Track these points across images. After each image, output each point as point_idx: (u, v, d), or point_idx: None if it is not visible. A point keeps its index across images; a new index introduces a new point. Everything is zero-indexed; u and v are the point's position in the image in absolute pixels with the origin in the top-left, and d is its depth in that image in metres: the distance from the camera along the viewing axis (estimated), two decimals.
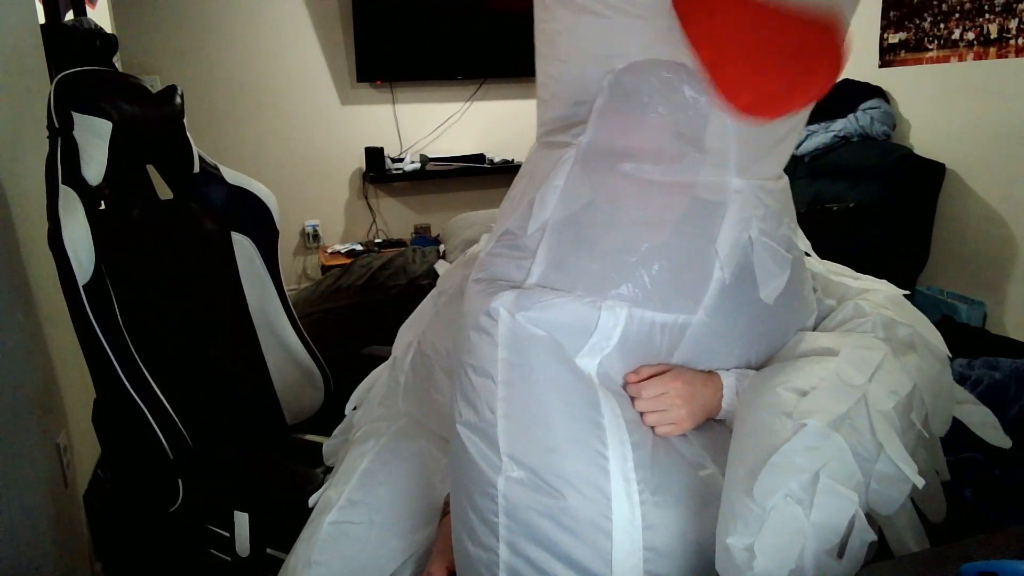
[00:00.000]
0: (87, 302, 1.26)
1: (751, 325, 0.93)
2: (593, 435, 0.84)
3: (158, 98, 1.54)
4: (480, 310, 0.89)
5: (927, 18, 2.88)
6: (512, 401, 0.86)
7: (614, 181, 0.87)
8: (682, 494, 0.85)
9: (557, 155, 0.91)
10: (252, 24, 3.77)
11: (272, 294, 1.74)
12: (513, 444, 0.85)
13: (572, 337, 0.86)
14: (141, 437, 1.34)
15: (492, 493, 0.85)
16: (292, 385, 1.78)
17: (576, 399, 0.85)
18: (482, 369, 0.88)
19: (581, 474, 0.83)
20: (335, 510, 1.16)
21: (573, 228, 0.89)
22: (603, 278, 0.87)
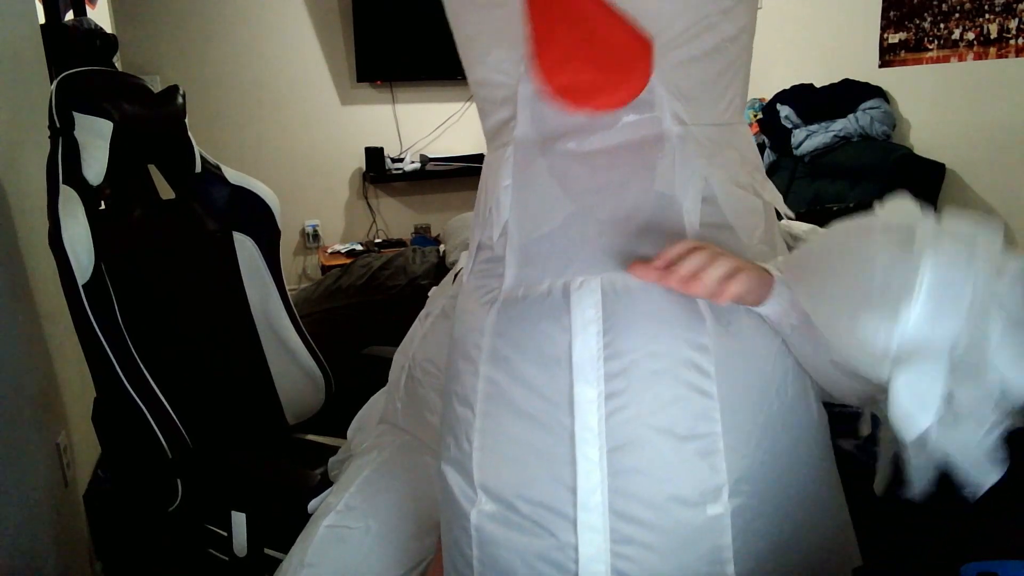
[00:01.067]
0: (87, 302, 1.27)
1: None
2: (563, 471, 0.80)
3: (160, 98, 1.54)
4: (467, 338, 0.89)
5: (927, 18, 2.88)
6: (487, 432, 0.84)
7: (556, 162, 0.85)
8: (663, 536, 0.80)
9: (501, 157, 0.90)
10: (252, 24, 3.77)
11: (273, 294, 1.74)
12: (486, 476, 0.84)
13: (551, 331, 0.82)
14: (140, 436, 1.34)
15: (466, 526, 0.86)
16: (293, 385, 1.78)
17: (549, 433, 0.81)
18: (464, 398, 0.88)
19: (548, 511, 0.81)
20: (332, 514, 1.16)
21: (529, 220, 0.87)
22: (569, 258, 0.84)
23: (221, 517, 1.41)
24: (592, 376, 0.79)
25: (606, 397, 0.79)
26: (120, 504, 1.67)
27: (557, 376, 0.80)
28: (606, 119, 0.82)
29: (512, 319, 0.84)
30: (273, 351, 1.74)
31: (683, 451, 0.79)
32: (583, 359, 0.79)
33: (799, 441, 0.87)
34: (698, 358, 0.79)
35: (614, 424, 0.79)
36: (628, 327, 0.79)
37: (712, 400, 0.79)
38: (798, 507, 0.87)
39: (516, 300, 0.85)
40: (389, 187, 4.22)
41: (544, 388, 0.81)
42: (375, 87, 4.02)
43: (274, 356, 1.75)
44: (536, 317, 0.83)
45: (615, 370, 0.79)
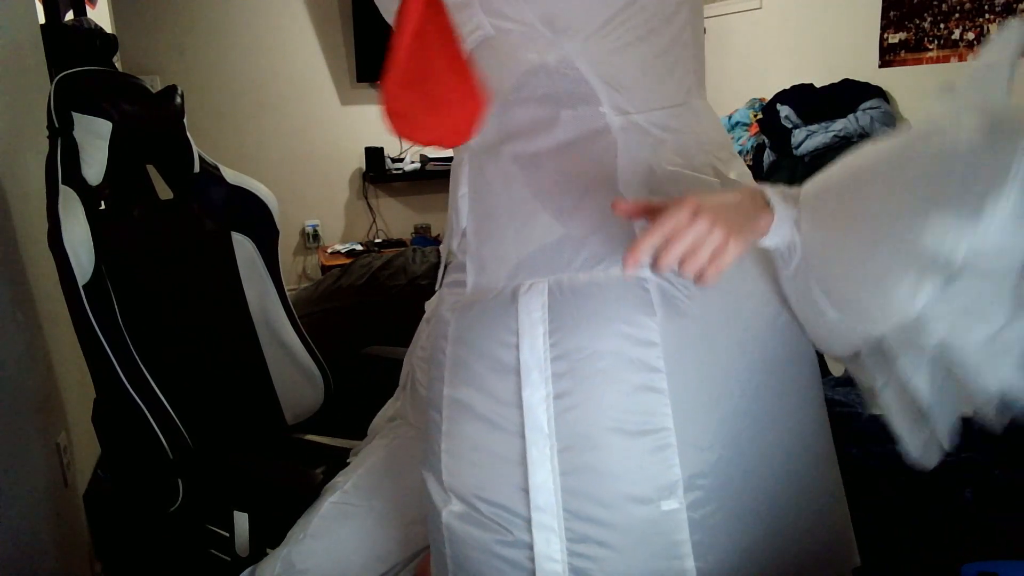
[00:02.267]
0: (87, 302, 1.26)
1: None
2: (516, 472, 0.81)
3: (158, 98, 1.54)
4: (437, 344, 0.92)
5: (927, 18, 2.88)
6: (451, 435, 0.87)
7: (503, 167, 0.87)
8: (617, 533, 0.80)
9: (457, 164, 0.93)
10: (252, 24, 3.77)
11: (272, 294, 1.74)
12: (453, 478, 0.87)
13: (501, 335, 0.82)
14: (141, 437, 1.34)
15: (439, 525, 0.88)
16: (292, 385, 1.78)
17: (502, 434, 0.82)
18: (434, 403, 0.90)
19: (505, 511, 0.82)
20: (339, 492, 1.22)
21: (483, 226, 0.90)
22: (519, 261, 0.85)
23: (223, 517, 1.41)
24: (538, 377, 0.80)
25: (554, 397, 0.79)
26: (120, 504, 1.67)
27: (507, 379, 0.81)
28: (545, 118, 0.83)
29: (468, 325, 0.87)
30: (272, 351, 1.74)
31: (634, 448, 0.79)
32: (530, 361, 0.80)
33: (772, 432, 0.85)
34: (646, 354, 0.78)
35: (563, 424, 0.79)
36: (574, 327, 0.79)
37: (662, 395, 0.78)
38: (774, 496, 0.86)
39: (471, 305, 0.87)
40: (389, 187, 4.22)
41: (496, 391, 0.83)
42: (375, 87, 4.02)
43: (273, 356, 1.75)
44: (488, 321, 0.84)
45: (562, 370, 0.79)
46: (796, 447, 0.89)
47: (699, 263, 0.68)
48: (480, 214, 0.90)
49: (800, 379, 0.89)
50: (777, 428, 0.87)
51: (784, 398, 0.87)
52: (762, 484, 0.85)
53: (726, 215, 0.69)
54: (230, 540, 1.40)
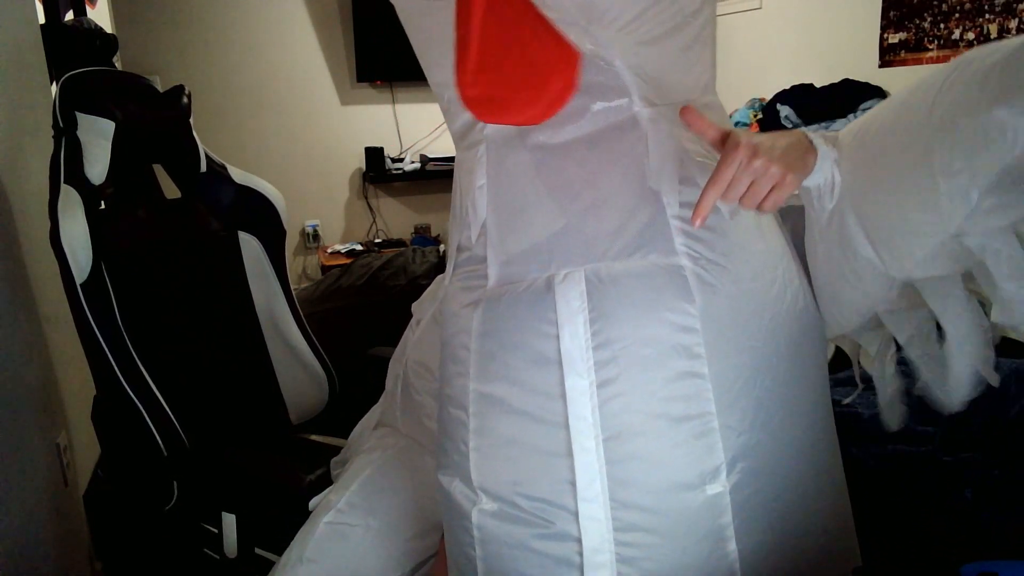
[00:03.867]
0: (84, 301, 1.27)
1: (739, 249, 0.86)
2: (561, 465, 0.80)
3: (165, 98, 1.54)
4: (454, 341, 0.89)
5: (927, 18, 2.88)
6: (482, 432, 0.85)
7: (528, 157, 0.85)
8: (664, 520, 0.80)
9: (472, 155, 0.89)
10: (252, 24, 3.77)
11: (278, 294, 1.74)
12: (484, 476, 0.85)
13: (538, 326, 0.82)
14: (137, 435, 1.34)
15: (468, 527, 0.86)
16: (297, 385, 1.78)
17: (543, 427, 0.81)
18: (456, 400, 0.88)
19: (549, 506, 0.81)
20: (333, 511, 1.17)
21: (507, 218, 0.87)
22: (551, 251, 0.84)
23: (214, 515, 1.41)
24: (582, 367, 0.79)
25: (598, 386, 0.79)
26: (119, 504, 1.67)
27: (547, 370, 0.80)
28: (575, 108, 0.82)
29: (497, 317, 0.85)
30: (277, 351, 1.75)
31: (679, 434, 0.79)
32: (572, 350, 0.79)
33: (795, 417, 0.87)
34: (687, 340, 0.79)
35: (608, 413, 0.79)
36: (615, 315, 0.79)
37: (704, 381, 0.79)
38: (796, 482, 0.88)
39: (499, 298, 0.85)
40: (389, 187, 4.22)
41: (535, 383, 0.81)
42: (375, 87, 4.02)
43: (278, 356, 1.75)
44: (521, 313, 0.83)
45: (605, 359, 0.79)
46: (814, 436, 0.91)
47: (758, 197, 0.74)
48: (502, 205, 0.87)
49: (816, 368, 0.92)
50: (801, 414, 0.89)
51: (804, 384, 0.89)
52: (790, 469, 0.86)
53: (780, 154, 0.74)
54: (221, 538, 1.40)
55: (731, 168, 0.72)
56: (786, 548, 0.86)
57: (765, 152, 0.72)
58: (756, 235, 0.87)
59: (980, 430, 1.44)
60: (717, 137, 0.77)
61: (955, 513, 1.29)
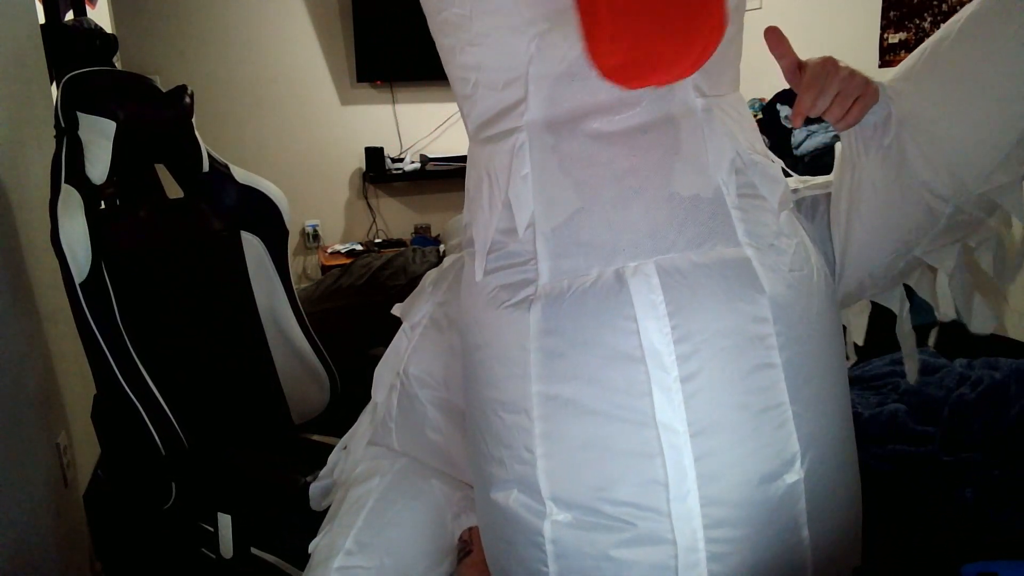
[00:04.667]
0: (83, 300, 1.27)
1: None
2: (650, 465, 0.77)
3: (167, 98, 1.54)
4: (500, 341, 0.84)
5: (927, 18, 2.88)
6: (552, 437, 0.80)
7: (582, 145, 0.81)
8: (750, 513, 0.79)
9: (508, 145, 0.84)
10: (252, 24, 3.77)
11: (281, 293, 1.74)
12: (557, 484, 0.81)
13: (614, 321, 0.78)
14: (135, 434, 1.34)
15: (540, 542, 0.81)
16: (299, 385, 1.78)
17: (628, 427, 0.78)
18: (513, 405, 0.83)
19: (637, 509, 0.78)
20: (342, 555, 1.05)
21: (562, 208, 0.83)
22: (615, 244, 0.80)
23: (212, 514, 1.40)
24: (667, 360, 0.77)
25: (682, 381, 0.77)
26: (119, 504, 1.67)
27: (628, 366, 0.78)
28: (632, 95, 0.79)
29: (562, 314, 0.81)
30: (279, 351, 1.74)
31: (759, 425, 0.79)
32: (656, 344, 0.77)
33: (837, 404, 0.90)
34: (761, 330, 0.79)
35: (693, 408, 0.77)
36: (691, 307, 0.78)
37: (778, 370, 0.80)
38: (846, 466, 0.90)
39: (561, 294, 0.81)
40: (389, 187, 4.22)
41: (615, 381, 0.78)
42: (375, 87, 4.02)
43: (280, 356, 1.75)
44: (592, 309, 0.80)
45: (687, 352, 0.77)
46: (849, 423, 0.93)
47: (846, 105, 0.82)
48: (554, 196, 0.83)
49: (840, 360, 0.94)
50: (840, 402, 0.91)
51: (840, 373, 0.92)
52: (840, 449, 0.88)
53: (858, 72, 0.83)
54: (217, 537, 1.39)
55: (821, 75, 0.80)
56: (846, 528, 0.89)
57: (845, 66, 0.81)
58: (792, 228, 0.89)
59: (980, 430, 1.44)
60: (795, 61, 0.83)
61: (955, 513, 1.29)
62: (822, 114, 0.83)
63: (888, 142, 0.88)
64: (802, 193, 1.03)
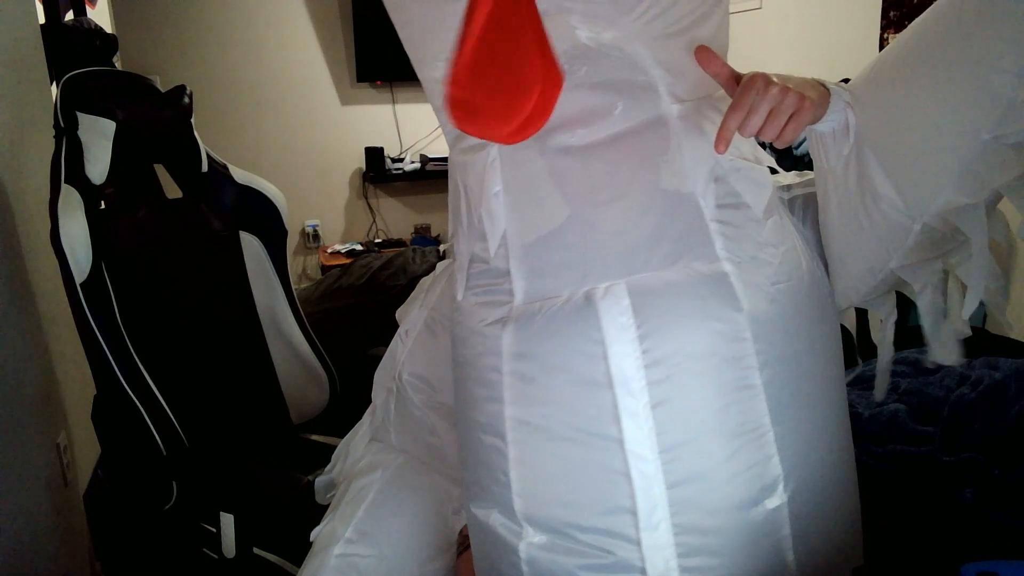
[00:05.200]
0: (84, 300, 1.27)
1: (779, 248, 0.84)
2: (619, 492, 0.76)
3: (166, 98, 1.54)
4: (479, 362, 0.83)
5: None
6: (524, 461, 0.80)
7: (551, 161, 0.79)
8: (728, 540, 0.77)
9: (481, 159, 0.82)
10: (252, 24, 3.77)
11: (279, 294, 1.74)
12: (531, 507, 0.80)
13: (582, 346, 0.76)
14: (136, 434, 1.34)
15: (516, 562, 0.81)
16: (298, 385, 1.78)
17: (596, 453, 0.76)
18: (490, 427, 0.82)
19: (607, 536, 0.76)
20: (342, 542, 1.08)
21: (531, 228, 0.80)
22: (586, 264, 0.78)
23: (213, 515, 1.40)
24: (636, 387, 0.75)
25: (652, 407, 0.75)
26: (119, 504, 1.67)
27: (596, 392, 0.75)
28: (601, 106, 0.77)
29: (532, 337, 0.79)
30: (278, 351, 1.74)
31: (737, 449, 0.76)
32: (624, 370, 0.75)
33: (831, 418, 0.86)
34: (739, 350, 0.76)
35: (665, 434, 0.75)
36: (665, 329, 0.75)
37: (758, 391, 0.76)
38: (836, 484, 0.87)
39: (533, 316, 0.79)
40: (389, 187, 4.22)
41: (583, 407, 0.76)
42: (375, 87, 4.01)
43: (279, 356, 1.75)
44: (561, 332, 0.77)
45: (658, 377, 0.75)
46: (844, 435, 0.90)
47: (779, 124, 0.72)
48: (525, 214, 0.80)
49: (838, 360, 0.90)
50: (835, 415, 0.87)
51: (835, 382, 0.87)
52: (831, 471, 0.85)
53: (796, 84, 0.74)
54: (219, 537, 1.39)
55: (750, 94, 0.71)
56: (836, 547, 0.85)
57: (781, 81, 0.73)
58: (781, 235, 0.84)
59: (980, 430, 1.44)
60: (731, 76, 0.75)
61: (955, 513, 1.28)
62: (756, 135, 0.74)
63: (848, 151, 0.82)
64: (794, 191, 0.99)
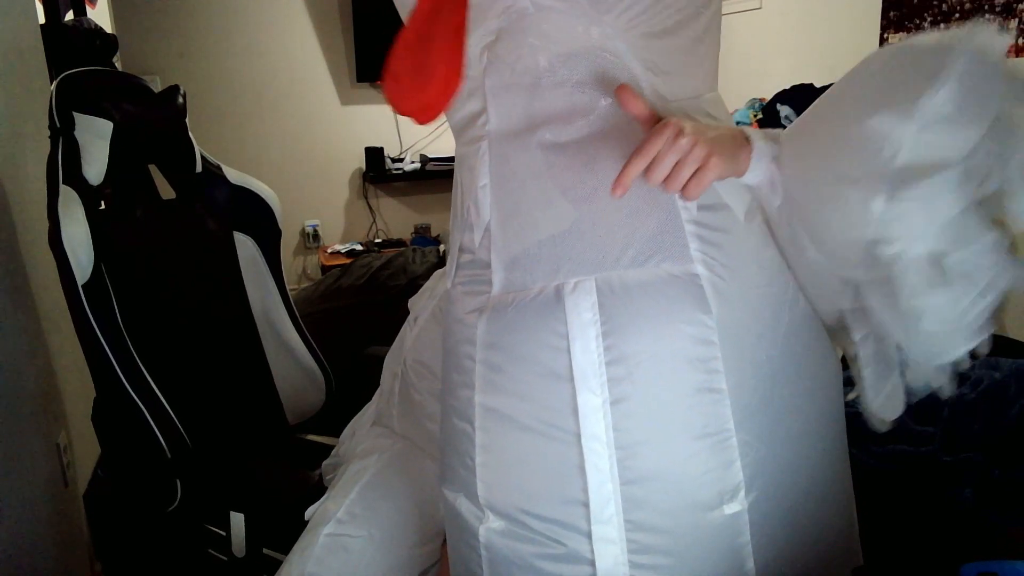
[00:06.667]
0: (86, 302, 1.27)
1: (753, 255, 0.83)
2: (573, 485, 0.77)
3: (160, 98, 1.54)
4: (458, 350, 0.85)
5: (927, 18, 2.88)
6: (488, 448, 0.81)
7: (534, 157, 0.80)
8: (681, 542, 0.77)
9: (473, 152, 0.85)
10: (252, 24, 3.77)
11: (274, 294, 1.74)
12: (491, 493, 0.82)
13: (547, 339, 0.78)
14: (140, 436, 1.34)
15: (475, 545, 0.83)
16: (294, 385, 1.78)
17: (554, 445, 0.78)
18: (462, 412, 0.84)
19: (560, 527, 0.78)
20: (333, 522, 1.13)
21: (512, 220, 0.82)
22: (559, 258, 0.79)
23: (220, 517, 1.41)
24: (595, 383, 0.75)
25: (611, 403, 0.75)
26: (120, 504, 1.67)
27: (558, 386, 0.77)
28: (584, 104, 0.78)
29: (504, 328, 0.80)
30: (274, 351, 1.74)
31: (697, 452, 0.76)
32: (584, 366, 0.76)
33: (811, 426, 0.85)
34: (704, 353, 0.76)
35: (623, 431, 0.76)
36: (628, 329, 0.76)
37: (722, 395, 0.76)
38: (812, 491, 0.86)
39: (506, 307, 0.81)
40: (389, 187, 4.22)
41: (545, 399, 0.78)
42: (375, 87, 4.01)
43: (275, 356, 1.75)
44: (530, 324, 0.79)
45: (619, 375, 0.75)
46: (829, 443, 0.89)
47: (681, 180, 0.70)
48: (507, 206, 0.82)
49: (829, 372, 0.89)
50: (817, 422, 0.86)
51: (819, 391, 0.87)
52: (806, 480, 0.84)
53: (708, 137, 0.71)
54: (227, 540, 1.40)
55: (657, 142, 0.69)
56: (803, 557, 0.85)
57: (693, 133, 0.70)
58: (765, 240, 0.83)
59: (980, 430, 1.44)
60: (648, 116, 0.74)
61: (955, 513, 1.28)
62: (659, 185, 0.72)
63: (779, 204, 0.81)
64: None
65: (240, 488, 1.44)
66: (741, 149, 0.76)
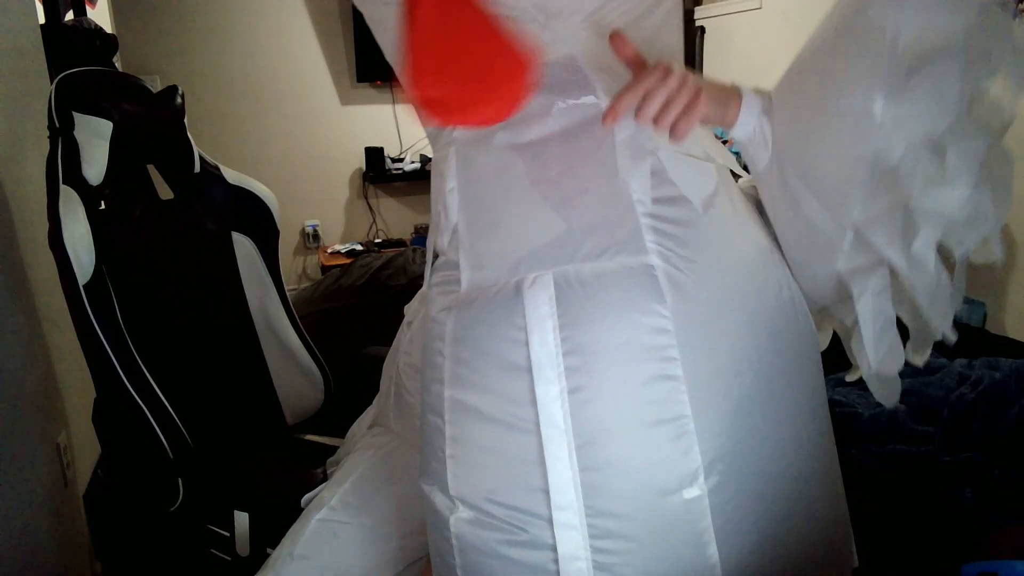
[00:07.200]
0: (87, 302, 1.27)
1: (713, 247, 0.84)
2: (534, 473, 0.79)
3: (159, 98, 1.54)
4: (431, 347, 0.88)
5: None
6: (456, 440, 0.84)
7: (496, 159, 0.83)
8: (641, 527, 0.79)
9: (443, 158, 0.88)
10: (252, 24, 3.77)
11: (272, 294, 1.74)
12: (460, 484, 0.84)
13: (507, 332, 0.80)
14: (141, 437, 1.34)
15: (447, 535, 0.86)
16: (292, 385, 1.78)
17: (515, 435, 0.80)
18: (434, 407, 0.87)
19: (522, 514, 0.80)
20: (325, 508, 1.18)
21: (477, 221, 0.86)
22: (518, 255, 0.82)
23: (223, 517, 1.41)
24: (552, 373, 0.78)
25: (569, 392, 0.78)
26: (120, 504, 1.67)
27: (517, 377, 0.79)
28: (539, 107, 0.80)
29: (468, 324, 0.83)
30: (272, 351, 1.75)
31: (654, 438, 0.78)
32: (542, 357, 0.78)
33: (781, 414, 0.86)
34: (660, 342, 0.78)
35: (580, 419, 0.78)
36: (585, 320, 0.78)
37: (679, 383, 0.78)
38: (784, 481, 0.86)
39: (471, 303, 0.84)
40: (389, 187, 4.22)
41: (506, 390, 0.80)
42: (375, 87, 4.02)
43: (273, 356, 1.75)
44: (491, 319, 0.81)
45: (575, 365, 0.78)
46: (805, 432, 0.89)
47: (671, 117, 0.72)
48: (472, 208, 0.86)
49: (805, 361, 0.90)
50: (788, 410, 0.87)
51: (791, 379, 0.87)
52: (774, 468, 0.85)
53: (698, 81, 0.73)
54: (230, 540, 1.40)
55: (647, 80, 0.71)
56: (775, 548, 0.85)
57: (681, 72, 0.72)
58: (733, 229, 0.85)
59: (980, 430, 1.44)
60: (638, 61, 0.75)
61: (955, 513, 1.29)
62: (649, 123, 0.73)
63: (768, 158, 0.82)
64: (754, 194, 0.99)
65: (244, 487, 1.44)
66: (731, 98, 0.79)
